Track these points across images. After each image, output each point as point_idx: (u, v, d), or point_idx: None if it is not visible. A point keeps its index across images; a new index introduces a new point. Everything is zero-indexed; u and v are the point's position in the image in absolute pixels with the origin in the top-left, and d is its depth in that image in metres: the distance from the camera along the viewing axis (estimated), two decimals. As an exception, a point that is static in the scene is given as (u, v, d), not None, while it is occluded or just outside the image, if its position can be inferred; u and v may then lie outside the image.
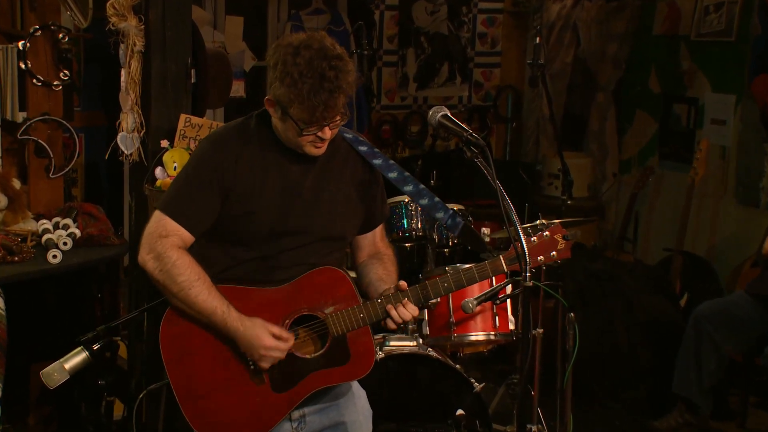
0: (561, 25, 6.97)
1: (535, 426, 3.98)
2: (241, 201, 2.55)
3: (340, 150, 2.69)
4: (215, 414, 2.58)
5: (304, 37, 2.46)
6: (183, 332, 2.58)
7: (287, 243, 2.59)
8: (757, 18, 5.72)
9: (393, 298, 2.61)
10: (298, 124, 2.46)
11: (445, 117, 2.58)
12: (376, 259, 2.81)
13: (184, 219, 2.54)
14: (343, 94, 2.44)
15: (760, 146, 5.74)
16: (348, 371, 2.64)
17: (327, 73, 2.40)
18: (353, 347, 2.63)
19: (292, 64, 2.40)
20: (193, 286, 2.51)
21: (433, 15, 7.20)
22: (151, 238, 2.54)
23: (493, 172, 2.44)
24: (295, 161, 2.60)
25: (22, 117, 4.13)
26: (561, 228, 2.70)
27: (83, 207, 4.23)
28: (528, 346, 2.47)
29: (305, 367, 2.61)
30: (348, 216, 2.69)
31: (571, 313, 4.02)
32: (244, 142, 2.58)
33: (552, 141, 6.80)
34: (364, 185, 2.73)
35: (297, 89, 2.39)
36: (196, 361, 2.59)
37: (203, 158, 2.59)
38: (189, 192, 2.56)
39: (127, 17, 3.72)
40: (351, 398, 2.77)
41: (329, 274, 2.63)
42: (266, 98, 2.53)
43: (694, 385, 4.66)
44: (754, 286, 4.73)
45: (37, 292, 3.96)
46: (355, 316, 2.59)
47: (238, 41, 6.25)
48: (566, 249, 2.69)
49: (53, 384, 2.74)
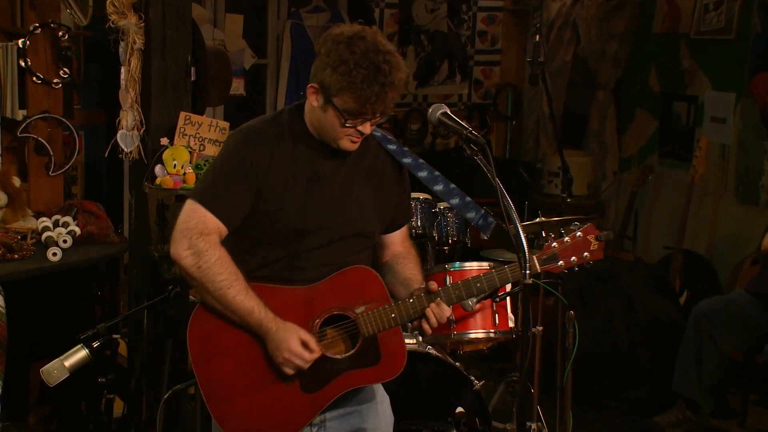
0: (561, 23, 6.97)
1: (535, 424, 3.97)
2: (272, 197, 2.51)
3: (370, 147, 2.66)
4: (245, 415, 2.54)
5: (358, 28, 2.45)
6: (212, 332, 2.54)
7: (316, 240, 2.55)
8: (757, 16, 5.72)
9: (425, 298, 2.57)
10: (343, 115, 2.43)
11: (445, 115, 2.57)
12: (402, 259, 2.76)
13: (222, 212, 2.49)
14: (394, 91, 2.42)
15: (760, 144, 5.74)
16: (379, 372, 2.60)
17: (382, 66, 2.38)
18: (384, 348, 2.59)
19: (348, 52, 2.38)
20: (231, 286, 2.46)
21: (433, 13, 7.20)
22: (191, 233, 2.46)
23: (493, 170, 2.43)
24: (326, 156, 2.57)
25: (22, 115, 4.14)
26: (594, 228, 2.66)
27: (83, 205, 4.23)
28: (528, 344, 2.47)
29: (335, 367, 2.56)
30: (377, 214, 2.66)
31: (571, 311, 4.02)
32: (277, 136, 2.55)
33: (552, 139, 6.79)
34: (393, 184, 2.71)
35: (351, 77, 2.37)
36: (224, 362, 2.54)
37: (238, 151, 2.53)
38: (225, 184, 2.50)
39: (126, 15, 3.72)
40: (374, 405, 2.72)
41: (361, 273, 2.59)
42: (310, 85, 2.49)
43: (695, 383, 4.66)
44: (753, 284, 4.73)
45: (37, 290, 3.96)
46: (386, 315, 2.56)
47: (238, 39, 6.25)
48: (599, 250, 2.66)
49: (53, 382, 2.75)
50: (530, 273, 2.56)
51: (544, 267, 2.64)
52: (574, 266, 2.67)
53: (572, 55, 6.95)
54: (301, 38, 6.53)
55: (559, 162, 5.39)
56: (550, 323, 4.31)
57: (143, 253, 3.89)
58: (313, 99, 2.50)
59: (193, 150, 3.78)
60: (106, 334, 2.85)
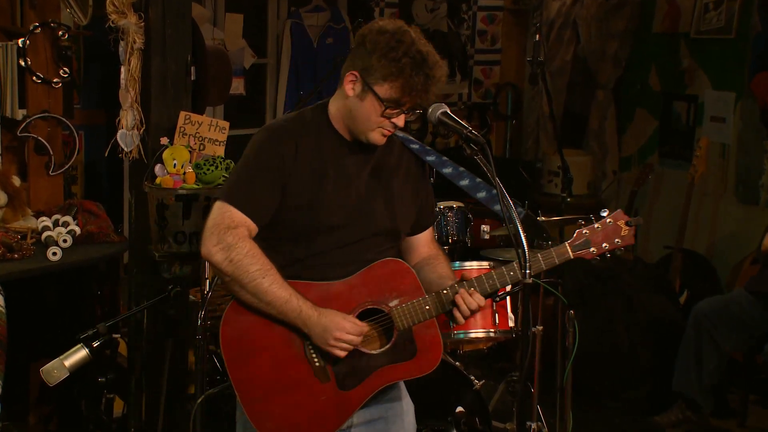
0: (561, 22, 6.97)
1: (535, 423, 3.98)
2: (298, 193, 2.51)
3: (395, 146, 2.67)
4: (281, 415, 2.51)
5: (400, 23, 2.49)
6: (244, 331, 2.52)
7: (341, 238, 2.54)
8: (757, 15, 5.72)
9: (459, 287, 2.55)
10: (383, 103, 2.44)
11: (445, 114, 2.57)
12: (432, 260, 2.74)
13: (249, 209, 2.48)
14: (435, 86, 2.45)
15: (760, 144, 5.74)
16: (415, 366, 2.57)
17: (428, 60, 2.42)
18: (419, 341, 2.56)
19: (395, 41, 2.41)
20: (267, 274, 2.44)
21: (433, 12, 7.20)
22: (218, 229, 2.45)
23: (493, 170, 2.43)
24: (351, 153, 2.57)
25: (22, 114, 4.14)
26: (623, 214, 2.64)
27: (83, 204, 4.23)
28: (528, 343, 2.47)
29: (371, 363, 2.54)
30: (403, 212, 2.65)
31: (571, 311, 4.02)
32: (302, 131, 2.54)
33: (552, 139, 6.79)
34: (417, 184, 2.71)
35: (400, 64, 2.39)
36: (259, 361, 2.52)
37: (264, 147, 2.54)
38: (251, 181, 2.50)
39: (126, 14, 3.72)
40: (400, 414, 2.71)
41: (393, 265, 2.57)
42: (349, 72, 2.49)
43: (694, 383, 4.66)
44: (753, 283, 4.73)
45: (37, 290, 3.96)
46: (420, 308, 2.53)
47: (238, 39, 6.25)
48: (630, 236, 2.62)
49: (53, 381, 2.75)
50: (563, 259, 2.59)
51: (576, 253, 2.60)
52: (605, 252, 2.62)
53: (572, 55, 6.95)
54: (301, 38, 6.53)
55: (559, 161, 5.39)
56: (550, 323, 4.31)
57: (143, 253, 3.89)
58: (349, 88, 2.50)
59: (193, 149, 3.78)
60: (106, 334, 2.85)
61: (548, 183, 6.80)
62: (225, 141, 3.84)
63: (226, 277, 2.48)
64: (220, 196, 2.53)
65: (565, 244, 2.61)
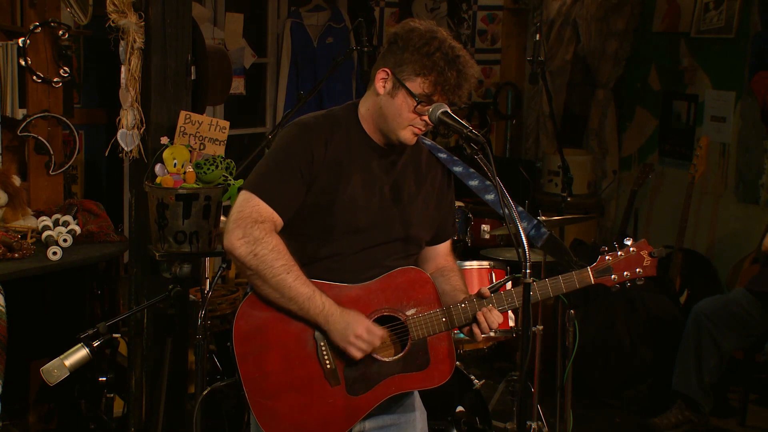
0: (561, 22, 6.97)
1: (535, 423, 3.98)
2: (324, 191, 2.49)
3: (422, 154, 2.66)
4: (288, 415, 2.49)
5: (431, 23, 2.50)
6: (261, 326, 2.49)
7: (362, 241, 2.52)
8: (757, 14, 5.72)
9: (477, 304, 2.53)
10: (416, 97, 2.44)
11: (445, 114, 2.57)
12: (447, 271, 2.72)
13: (276, 203, 2.45)
14: (467, 84, 2.46)
15: (760, 143, 5.74)
16: (426, 377, 2.55)
17: (461, 57, 2.43)
18: (433, 353, 2.55)
19: (428, 37, 2.43)
20: (291, 270, 2.42)
21: (433, 12, 7.20)
22: (245, 222, 2.42)
23: (493, 169, 2.43)
24: (380, 156, 2.56)
25: (22, 114, 4.14)
26: (647, 244, 2.65)
27: (83, 204, 4.23)
28: (528, 343, 2.46)
29: (383, 370, 2.52)
30: (426, 220, 2.64)
31: (571, 310, 4.03)
32: (333, 130, 2.53)
33: (552, 138, 6.80)
34: (443, 193, 2.70)
35: (434, 58, 2.41)
36: (271, 358, 2.48)
37: (294, 141, 2.51)
38: (279, 174, 2.48)
39: (127, 14, 3.72)
40: (412, 421, 2.68)
41: (413, 274, 2.56)
42: (380, 70, 2.49)
43: (695, 382, 4.66)
44: (754, 282, 4.74)
45: (37, 289, 3.96)
46: (437, 320, 2.52)
47: (238, 38, 6.25)
48: (652, 266, 2.64)
49: (53, 381, 2.74)
50: (583, 284, 2.61)
51: (597, 279, 2.62)
52: (626, 281, 2.64)
53: (572, 54, 6.95)
54: (301, 37, 6.53)
55: (559, 161, 5.38)
56: (550, 322, 4.32)
57: (143, 252, 3.89)
58: (380, 85, 2.50)
59: (194, 149, 3.77)
60: (106, 334, 2.84)
61: (548, 182, 6.80)
62: (225, 140, 3.84)
63: (249, 271, 2.44)
64: (247, 186, 2.50)
65: (587, 268, 2.62)
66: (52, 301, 4.08)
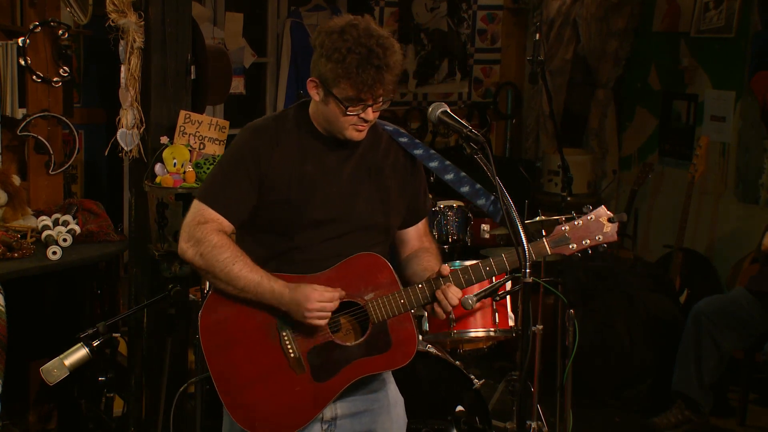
0: (561, 21, 6.96)
1: (535, 423, 3.98)
2: (278, 189, 2.53)
3: (381, 140, 2.67)
4: (256, 405, 2.55)
5: (350, 17, 2.49)
6: (223, 321, 2.55)
7: (324, 233, 2.56)
8: (757, 14, 5.72)
9: (434, 282, 2.57)
10: (343, 103, 2.45)
11: (445, 113, 2.57)
12: (421, 253, 2.75)
13: (220, 206, 2.52)
14: (390, 73, 2.43)
15: (760, 143, 5.74)
16: (389, 359, 2.59)
17: (375, 50, 2.41)
18: (394, 334, 2.58)
19: (340, 40, 2.42)
20: (236, 261, 2.47)
21: (433, 11, 7.20)
22: (189, 226, 2.51)
23: (493, 169, 2.44)
24: (333, 149, 2.58)
25: (22, 113, 4.14)
26: (606, 210, 2.62)
27: (83, 203, 4.23)
28: (528, 342, 2.46)
29: (346, 355, 2.56)
30: (389, 207, 2.65)
31: (571, 310, 4.02)
32: (282, 130, 2.57)
33: (552, 138, 6.79)
34: (406, 177, 2.70)
35: (345, 64, 2.40)
36: (236, 350, 2.55)
37: (241, 146, 2.57)
38: (225, 179, 2.55)
39: (126, 14, 3.72)
40: (386, 407, 2.71)
41: (369, 259, 2.58)
42: (309, 80, 2.52)
43: (694, 382, 4.66)
44: (754, 282, 4.73)
45: (37, 289, 3.96)
46: (395, 301, 2.55)
47: (238, 38, 6.25)
48: (612, 232, 2.60)
49: (53, 380, 2.75)
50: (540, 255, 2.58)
51: (554, 249, 2.60)
52: (586, 248, 2.61)
53: (572, 54, 6.95)
54: (301, 37, 6.52)
55: (559, 161, 5.38)
56: (550, 322, 4.31)
57: (143, 252, 3.89)
58: (314, 94, 2.53)
59: (193, 148, 3.78)
60: (106, 333, 2.85)
61: (548, 182, 6.80)
62: (225, 140, 3.84)
63: (201, 271, 2.53)
64: (197, 195, 2.58)
65: (543, 239, 2.61)
66: (52, 301, 4.07)
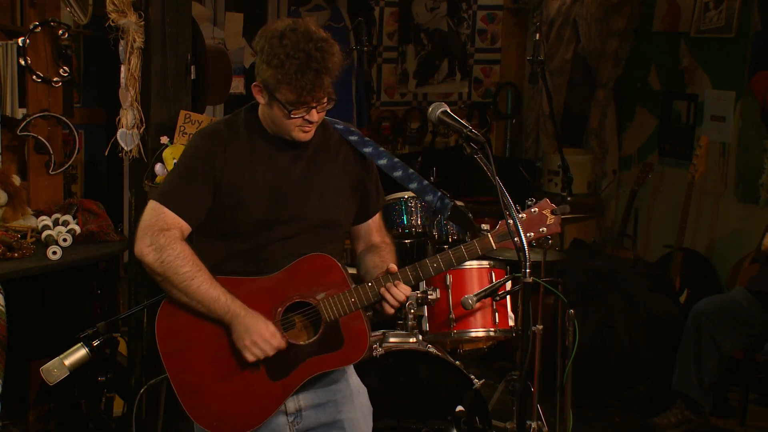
0: (561, 21, 6.97)
1: (535, 423, 3.98)
2: (231, 191, 2.58)
3: (332, 139, 2.71)
4: (214, 405, 2.61)
5: (289, 21, 2.51)
6: (179, 325, 2.60)
7: (279, 232, 2.60)
8: (757, 14, 5.72)
9: (383, 280, 2.62)
10: (286, 107, 2.49)
11: (445, 113, 2.58)
12: (375, 248, 2.81)
13: (182, 210, 2.56)
14: (329, 75, 2.47)
15: (760, 143, 5.74)
16: (342, 356, 2.65)
17: (313, 53, 2.43)
18: (346, 332, 2.64)
19: (278, 46, 2.44)
20: (195, 277, 2.53)
21: (433, 11, 7.20)
22: (151, 230, 2.54)
23: (493, 169, 2.44)
24: (283, 150, 2.62)
25: (22, 113, 4.14)
26: (549, 203, 2.67)
27: (83, 203, 4.23)
28: (528, 342, 2.47)
29: (300, 353, 2.62)
30: (340, 204, 2.70)
31: (571, 310, 4.02)
32: (232, 133, 2.62)
33: (552, 138, 6.80)
34: (357, 174, 2.75)
35: (284, 70, 2.43)
36: (192, 354, 2.60)
37: (193, 150, 2.63)
38: (182, 182, 2.59)
39: (126, 14, 3.72)
40: (349, 396, 2.76)
41: (319, 260, 2.63)
42: (253, 84, 2.56)
43: (694, 382, 4.66)
44: (754, 282, 4.73)
45: (37, 289, 3.96)
46: (346, 300, 2.60)
47: (238, 38, 6.25)
48: (556, 224, 2.66)
49: (53, 380, 2.75)
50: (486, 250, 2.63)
51: (499, 244, 2.64)
52: (530, 242, 2.65)
53: (572, 54, 6.96)
54: (301, 37, 6.52)
55: (559, 161, 5.39)
56: (550, 322, 4.31)
57: (143, 252, 3.89)
58: (259, 98, 2.57)
59: (193, 148, 3.77)
60: (105, 333, 2.85)
61: (548, 182, 6.80)
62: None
63: (158, 277, 2.56)
64: (155, 196, 2.61)
65: (488, 235, 2.65)
66: (51, 301, 4.07)
